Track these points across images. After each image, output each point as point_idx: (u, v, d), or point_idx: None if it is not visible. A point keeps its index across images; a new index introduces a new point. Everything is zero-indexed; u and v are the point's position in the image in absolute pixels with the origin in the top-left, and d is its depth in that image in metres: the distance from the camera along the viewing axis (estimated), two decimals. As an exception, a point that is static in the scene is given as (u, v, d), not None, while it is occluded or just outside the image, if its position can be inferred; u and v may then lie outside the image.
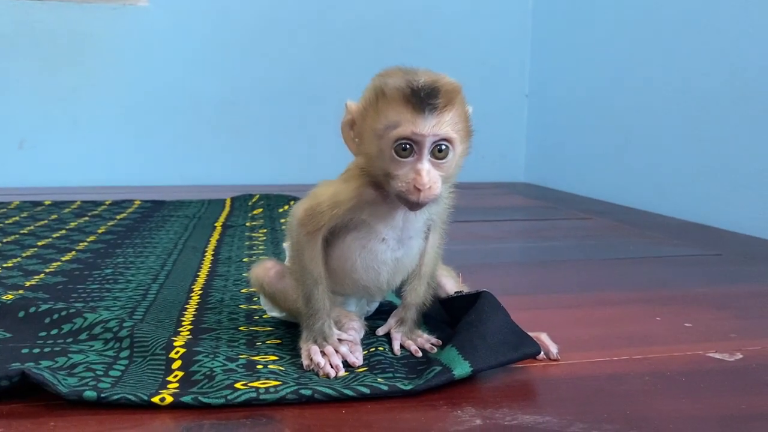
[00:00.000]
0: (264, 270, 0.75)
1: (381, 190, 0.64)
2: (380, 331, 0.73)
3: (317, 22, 2.22)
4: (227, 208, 1.66)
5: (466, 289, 0.75)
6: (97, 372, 0.62)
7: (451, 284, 0.77)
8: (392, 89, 0.60)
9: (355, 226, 0.67)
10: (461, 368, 0.62)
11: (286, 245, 0.78)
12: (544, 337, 0.71)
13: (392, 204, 0.65)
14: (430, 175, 0.60)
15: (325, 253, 0.68)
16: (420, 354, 0.68)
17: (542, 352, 0.70)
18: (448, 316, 0.77)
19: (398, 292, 0.75)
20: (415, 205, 0.62)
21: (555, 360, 0.69)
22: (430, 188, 0.60)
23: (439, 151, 0.61)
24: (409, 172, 0.60)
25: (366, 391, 0.59)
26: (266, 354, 0.68)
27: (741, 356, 0.72)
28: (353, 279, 0.69)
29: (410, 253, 0.69)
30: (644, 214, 1.69)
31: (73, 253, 1.16)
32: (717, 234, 1.44)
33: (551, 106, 2.29)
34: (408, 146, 0.60)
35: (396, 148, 0.60)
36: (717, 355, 0.72)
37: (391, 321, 0.73)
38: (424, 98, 0.59)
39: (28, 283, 0.95)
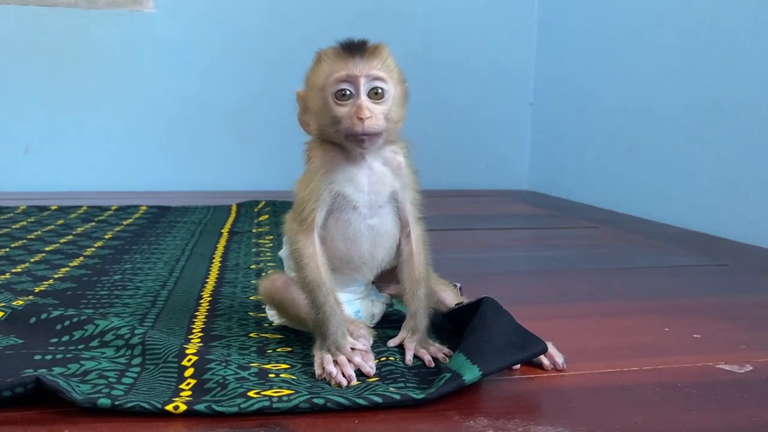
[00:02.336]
0: (271, 282, 0.76)
1: (340, 148, 0.69)
2: (392, 343, 0.73)
3: (324, 29, 2.23)
4: (233, 215, 1.66)
5: (466, 300, 0.75)
6: (110, 379, 0.62)
7: (451, 297, 0.77)
8: (326, 50, 0.69)
9: (334, 206, 0.70)
10: (471, 373, 0.62)
11: (281, 253, 0.79)
12: (550, 347, 0.71)
13: (352, 159, 0.69)
14: (370, 108, 0.66)
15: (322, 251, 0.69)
16: (433, 364, 0.69)
17: (549, 363, 0.70)
18: (452, 328, 0.77)
19: (402, 300, 0.76)
20: (362, 140, 0.67)
21: (561, 370, 0.70)
22: (371, 117, 0.66)
23: (375, 93, 0.67)
24: (351, 109, 0.67)
25: (378, 400, 0.59)
26: (277, 362, 0.69)
27: (751, 368, 0.72)
28: (338, 257, 0.71)
29: (384, 221, 0.71)
30: (649, 224, 1.69)
31: (81, 258, 1.17)
32: (723, 244, 1.44)
33: (555, 114, 2.29)
34: (347, 91, 0.67)
35: (336, 94, 0.67)
36: (727, 367, 0.72)
37: (403, 332, 0.73)
38: (354, 47, 0.67)
39: (37, 289, 0.96)
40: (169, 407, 0.57)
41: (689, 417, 0.60)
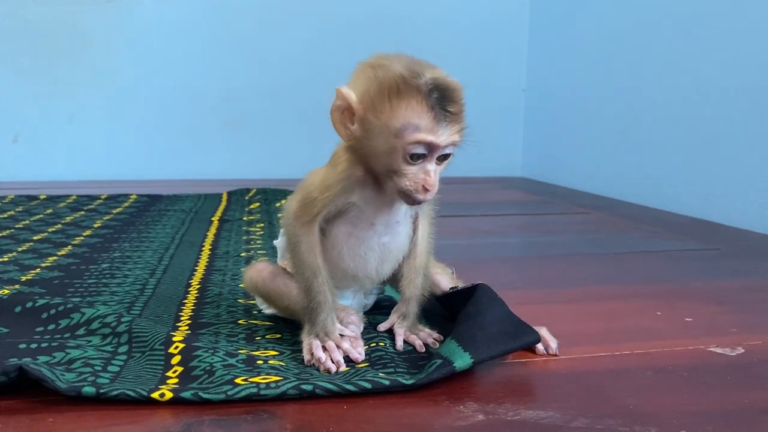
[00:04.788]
0: (257, 272, 0.74)
1: (369, 173, 0.64)
2: (382, 327, 0.72)
3: (314, 16, 2.21)
4: (224, 203, 1.65)
5: (461, 285, 0.75)
6: (96, 367, 0.62)
7: (446, 281, 0.77)
8: (409, 88, 0.59)
9: (346, 212, 0.66)
10: (462, 360, 0.61)
11: (276, 242, 0.77)
12: (543, 332, 0.70)
13: (380, 188, 0.65)
14: (436, 174, 0.62)
15: (321, 244, 0.67)
16: (424, 350, 0.68)
17: (542, 348, 0.69)
18: (446, 312, 0.77)
19: (396, 286, 0.75)
20: (417, 202, 0.63)
21: (555, 355, 0.69)
22: (435, 188, 0.62)
23: (445, 155, 0.63)
24: (419, 173, 0.61)
25: (367, 386, 0.58)
26: (266, 349, 0.68)
27: (742, 351, 0.72)
28: (342, 269, 0.69)
29: (397, 239, 0.69)
30: (642, 209, 1.69)
31: (69, 247, 1.15)
32: (715, 229, 1.44)
33: (548, 101, 2.28)
34: (422, 150, 0.60)
35: (410, 156, 0.60)
36: (719, 350, 0.72)
37: (393, 317, 0.72)
38: (441, 104, 0.60)
39: (24, 278, 0.95)
40: (155, 395, 0.56)
41: (681, 400, 0.60)
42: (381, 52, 0.65)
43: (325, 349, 0.64)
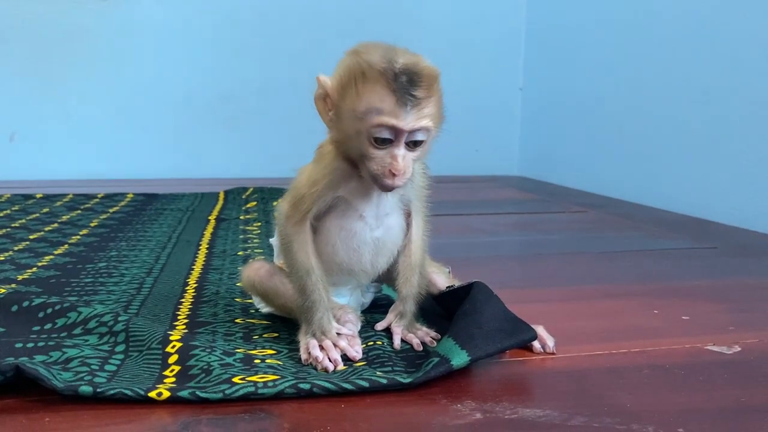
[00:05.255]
0: (254, 270, 0.74)
1: (354, 164, 0.65)
2: (380, 326, 0.72)
3: (311, 14, 2.21)
4: (221, 201, 1.65)
5: (457, 283, 0.75)
6: (93, 366, 0.61)
7: (443, 280, 0.77)
8: (374, 72, 0.60)
9: (335, 207, 0.67)
10: (459, 358, 0.61)
11: (272, 240, 0.77)
12: (540, 330, 0.70)
13: (365, 179, 0.65)
14: (405, 160, 0.61)
15: (315, 242, 0.67)
16: (421, 348, 0.68)
17: (539, 346, 0.69)
18: (443, 310, 0.77)
19: (393, 285, 0.75)
20: (387, 188, 0.63)
21: (552, 353, 0.69)
22: (404, 173, 0.61)
23: (416, 142, 0.62)
24: (386, 156, 0.61)
25: (365, 384, 0.58)
26: (263, 348, 0.68)
27: (739, 349, 0.72)
28: (337, 263, 0.69)
29: (390, 232, 0.69)
30: (638, 207, 1.69)
31: (66, 246, 1.15)
32: (712, 227, 1.44)
33: (545, 99, 2.28)
34: (387, 134, 0.61)
35: (374, 139, 0.61)
36: (715, 348, 0.72)
37: (391, 315, 0.72)
38: (406, 88, 0.59)
39: (20, 277, 0.94)
40: (152, 394, 0.56)
41: (678, 398, 0.60)
42: (365, 41, 0.65)
43: (322, 348, 0.64)
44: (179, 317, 0.78)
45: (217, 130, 2.19)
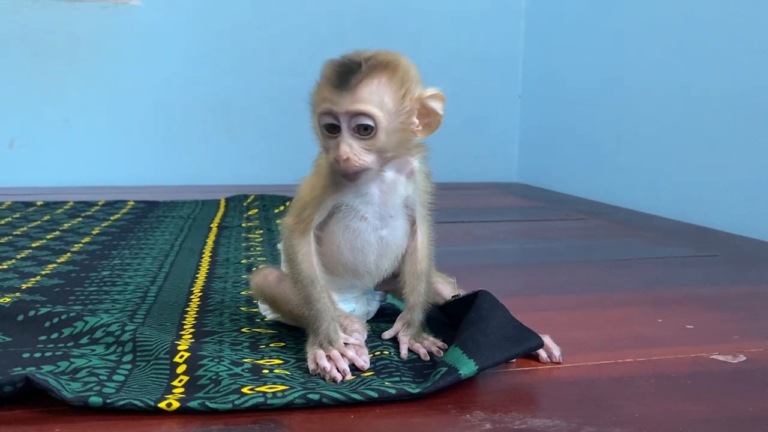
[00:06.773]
0: (263, 276, 0.75)
1: None
2: (387, 335, 0.72)
3: (313, 21, 2.21)
4: (222, 209, 1.65)
5: (462, 293, 0.75)
6: (101, 377, 0.61)
7: (448, 290, 0.77)
8: (324, 69, 0.64)
9: (338, 211, 0.68)
10: (467, 367, 0.62)
11: (280, 246, 0.78)
12: (547, 340, 0.70)
13: (362, 180, 0.67)
14: (352, 147, 0.63)
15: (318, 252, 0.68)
16: (428, 358, 0.68)
17: (546, 355, 0.70)
18: (448, 320, 0.77)
19: (399, 294, 0.75)
20: (345, 175, 0.65)
21: (558, 363, 0.69)
22: (347, 160, 0.63)
23: (363, 128, 0.63)
24: (335, 146, 0.64)
25: (374, 395, 0.58)
26: (270, 358, 0.68)
27: (744, 358, 0.72)
28: (342, 264, 0.70)
29: (395, 233, 0.70)
30: (638, 215, 1.69)
31: (69, 254, 1.15)
32: (712, 235, 1.45)
33: (544, 106, 2.29)
34: (333, 123, 0.63)
35: (324, 126, 0.64)
36: (721, 357, 0.72)
37: (398, 324, 0.72)
38: (344, 75, 0.62)
39: (24, 286, 0.94)
40: (162, 404, 0.56)
41: (685, 408, 0.60)
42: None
43: (329, 358, 0.64)
44: (185, 326, 0.78)
45: (217, 137, 2.19)
